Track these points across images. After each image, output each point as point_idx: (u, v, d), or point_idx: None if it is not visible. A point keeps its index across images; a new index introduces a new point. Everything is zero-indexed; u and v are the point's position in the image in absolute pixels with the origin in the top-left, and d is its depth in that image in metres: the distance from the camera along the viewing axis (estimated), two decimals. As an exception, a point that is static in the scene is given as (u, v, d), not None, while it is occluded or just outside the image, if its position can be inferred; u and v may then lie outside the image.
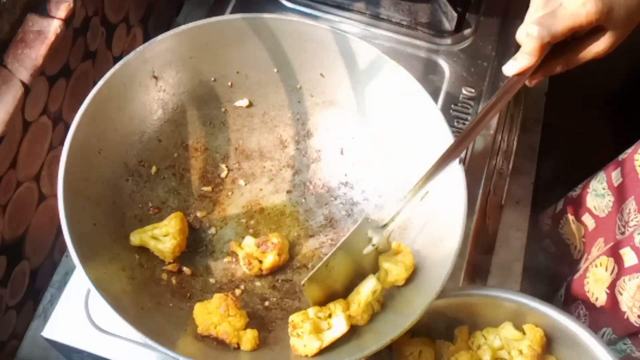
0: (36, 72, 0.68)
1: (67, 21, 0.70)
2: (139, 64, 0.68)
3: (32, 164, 0.74)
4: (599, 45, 0.62)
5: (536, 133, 1.05)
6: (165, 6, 0.99)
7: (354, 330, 0.62)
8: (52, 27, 0.69)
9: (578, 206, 0.94)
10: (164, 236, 0.66)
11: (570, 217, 0.95)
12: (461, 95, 0.84)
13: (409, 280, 0.63)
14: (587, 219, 0.92)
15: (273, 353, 0.61)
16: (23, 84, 0.67)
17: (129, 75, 0.67)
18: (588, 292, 0.82)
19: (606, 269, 0.79)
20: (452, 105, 0.83)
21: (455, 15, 0.87)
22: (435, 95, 0.78)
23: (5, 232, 0.72)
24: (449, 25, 0.88)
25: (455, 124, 0.82)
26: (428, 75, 0.85)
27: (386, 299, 0.64)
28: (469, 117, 0.82)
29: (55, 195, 0.58)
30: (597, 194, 0.90)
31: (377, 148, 0.73)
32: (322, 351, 0.59)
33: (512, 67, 0.61)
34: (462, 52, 0.84)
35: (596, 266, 0.81)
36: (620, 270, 0.77)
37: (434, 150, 0.67)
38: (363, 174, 0.74)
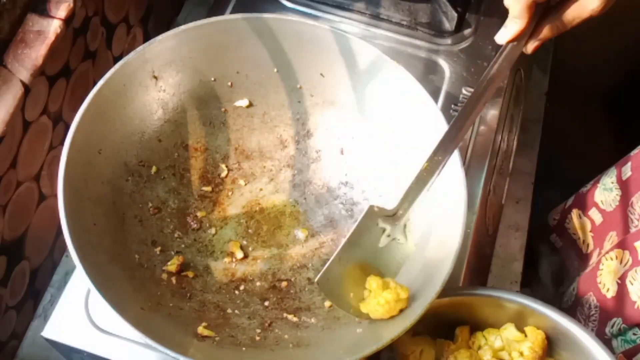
0: (36, 72, 0.68)
1: (67, 21, 0.70)
2: (139, 64, 0.68)
3: (32, 164, 0.74)
4: (593, 2, 0.57)
5: (536, 133, 1.05)
6: (165, 6, 0.99)
7: (353, 331, 0.62)
8: (52, 27, 0.69)
9: (586, 201, 0.94)
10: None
11: (578, 212, 0.95)
12: (461, 95, 0.84)
13: (410, 280, 0.63)
14: (594, 213, 0.92)
15: (273, 353, 0.61)
16: (23, 84, 0.67)
17: (129, 75, 0.67)
18: (600, 283, 0.82)
19: (620, 262, 0.79)
20: (452, 105, 0.83)
21: (455, 15, 0.87)
22: (435, 95, 0.78)
23: (5, 232, 0.72)
24: (449, 25, 0.88)
25: (456, 123, 0.82)
26: (428, 75, 0.85)
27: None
28: (469, 117, 0.82)
29: (55, 195, 0.58)
30: (605, 188, 0.90)
31: (377, 148, 0.73)
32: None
33: (503, 35, 0.59)
34: (462, 52, 0.84)
35: (610, 259, 0.81)
36: (633, 262, 0.77)
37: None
38: (363, 174, 0.74)
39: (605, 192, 0.90)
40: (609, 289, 0.80)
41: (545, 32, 0.60)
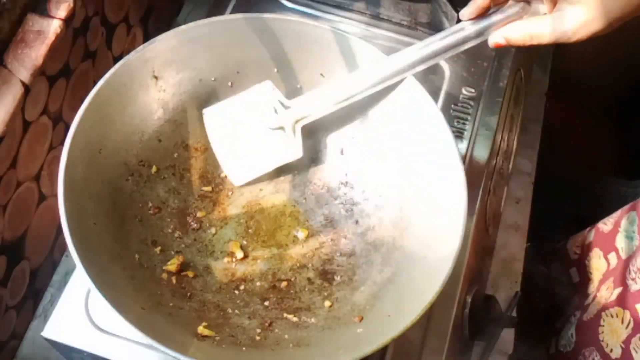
0: (36, 72, 0.68)
1: (67, 21, 0.70)
2: (139, 64, 0.68)
3: (32, 164, 0.74)
4: (570, 23, 0.59)
5: (536, 133, 1.05)
6: (165, 6, 0.99)
7: (353, 331, 0.62)
8: (52, 27, 0.69)
9: (608, 243, 0.92)
10: None
11: (600, 252, 0.94)
12: (461, 95, 0.84)
13: (410, 279, 0.63)
14: (612, 257, 0.91)
15: (273, 353, 0.61)
16: (23, 84, 0.67)
17: (129, 75, 0.67)
18: (602, 341, 0.81)
19: (622, 322, 0.79)
20: (452, 105, 0.83)
21: (455, 15, 0.87)
22: (435, 95, 0.78)
23: (5, 232, 0.72)
24: (449, 25, 0.88)
25: (455, 123, 0.82)
26: (428, 75, 0.84)
27: (385, 299, 0.64)
28: (469, 117, 0.83)
29: (55, 195, 0.58)
30: (627, 236, 0.88)
31: (377, 148, 0.73)
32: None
33: (465, 11, 0.64)
34: (462, 52, 0.83)
35: (612, 316, 0.81)
36: (635, 325, 0.77)
37: (434, 150, 0.68)
38: (363, 174, 0.74)
39: (626, 240, 0.88)
40: (612, 350, 0.80)
41: (510, 31, 0.62)
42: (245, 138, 0.71)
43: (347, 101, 0.69)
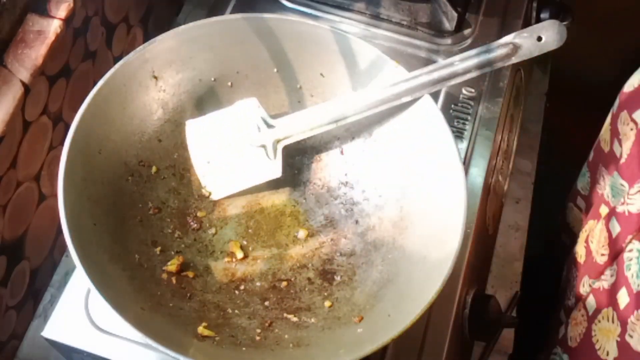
0: (36, 72, 0.68)
1: (67, 21, 0.70)
2: (139, 64, 0.68)
3: (32, 164, 0.74)
4: None
5: (536, 133, 1.05)
6: (165, 6, 0.99)
7: (353, 331, 0.62)
8: (52, 27, 0.69)
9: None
10: None
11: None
12: (461, 95, 0.84)
13: (410, 279, 0.63)
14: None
15: (273, 353, 0.61)
16: (23, 84, 0.67)
17: (129, 75, 0.67)
18: (599, 349, 0.79)
19: (608, 319, 0.78)
20: (452, 105, 0.83)
21: (455, 15, 0.87)
22: (435, 95, 0.78)
23: (5, 232, 0.72)
24: (449, 25, 0.88)
25: (455, 123, 0.82)
26: (428, 75, 0.84)
27: (385, 299, 0.64)
28: (469, 117, 0.83)
29: (55, 195, 0.58)
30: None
31: (377, 148, 0.73)
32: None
33: None
34: (462, 52, 0.84)
35: (599, 321, 0.80)
36: (621, 315, 0.75)
37: (434, 150, 0.68)
38: (363, 174, 0.74)
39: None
40: (608, 352, 0.76)
41: None
42: (226, 153, 0.70)
43: (331, 125, 0.69)
